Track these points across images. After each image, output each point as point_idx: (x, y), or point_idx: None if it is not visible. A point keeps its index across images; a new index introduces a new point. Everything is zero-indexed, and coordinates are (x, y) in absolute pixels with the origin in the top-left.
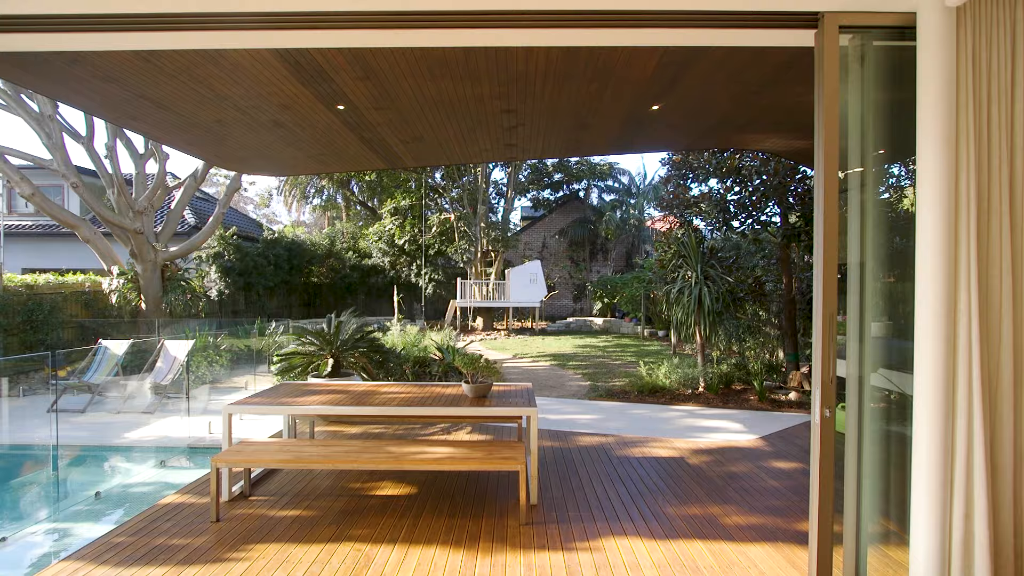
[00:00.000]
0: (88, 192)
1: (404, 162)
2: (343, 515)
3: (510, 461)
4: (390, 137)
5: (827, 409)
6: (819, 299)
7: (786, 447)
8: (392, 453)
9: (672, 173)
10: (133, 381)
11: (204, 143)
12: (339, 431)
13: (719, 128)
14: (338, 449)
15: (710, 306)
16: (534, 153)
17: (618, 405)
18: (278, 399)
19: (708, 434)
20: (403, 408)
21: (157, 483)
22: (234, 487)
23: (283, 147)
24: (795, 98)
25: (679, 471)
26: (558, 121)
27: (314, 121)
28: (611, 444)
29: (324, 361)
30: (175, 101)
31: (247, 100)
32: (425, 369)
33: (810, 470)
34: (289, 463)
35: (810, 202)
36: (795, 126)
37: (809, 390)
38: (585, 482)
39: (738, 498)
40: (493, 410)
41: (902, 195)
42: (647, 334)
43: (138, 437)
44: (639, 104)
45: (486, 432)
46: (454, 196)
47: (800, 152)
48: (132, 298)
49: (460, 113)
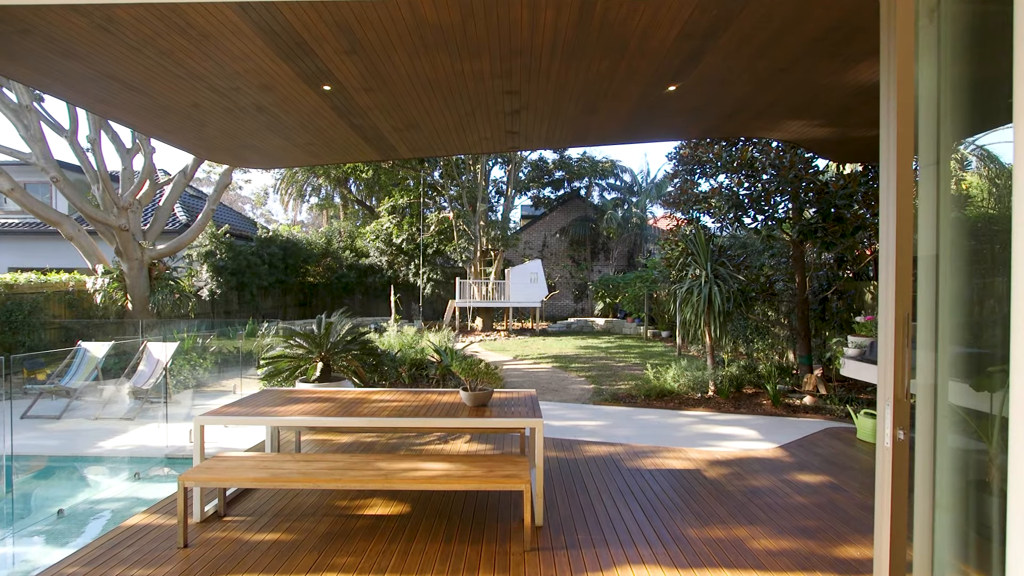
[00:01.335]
0: (70, 187)
1: (399, 153)
2: (326, 539)
3: (513, 480)
4: (382, 124)
5: (900, 430)
6: (888, 299)
7: (808, 457)
8: (381, 470)
9: (679, 168)
10: (110, 385)
11: (183, 131)
12: (328, 440)
13: (736, 114)
14: (321, 465)
15: (720, 306)
16: (537, 142)
17: (625, 410)
18: (257, 408)
19: (722, 442)
20: (394, 420)
21: (128, 499)
22: (208, 506)
23: (269, 135)
24: (826, 77)
25: (696, 485)
26: (565, 105)
27: (299, 105)
28: (620, 454)
29: (313, 365)
30: (144, 81)
31: (223, 79)
32: (422, 372)
33: (877, 502)
34: (265, 482)
35: (828, 196)
36: (819, 111)
37: (825, 394)
38: (595, 498)
39: (764, 517)
40: (494, 421)
41: (987, 176)
42: (650, 335)
43: (113, 446)
44: (654, 84)
45: (487, 441)
46: (453, 194)
47: (820, 141)
48: (118, 298)
49: (457, 95)
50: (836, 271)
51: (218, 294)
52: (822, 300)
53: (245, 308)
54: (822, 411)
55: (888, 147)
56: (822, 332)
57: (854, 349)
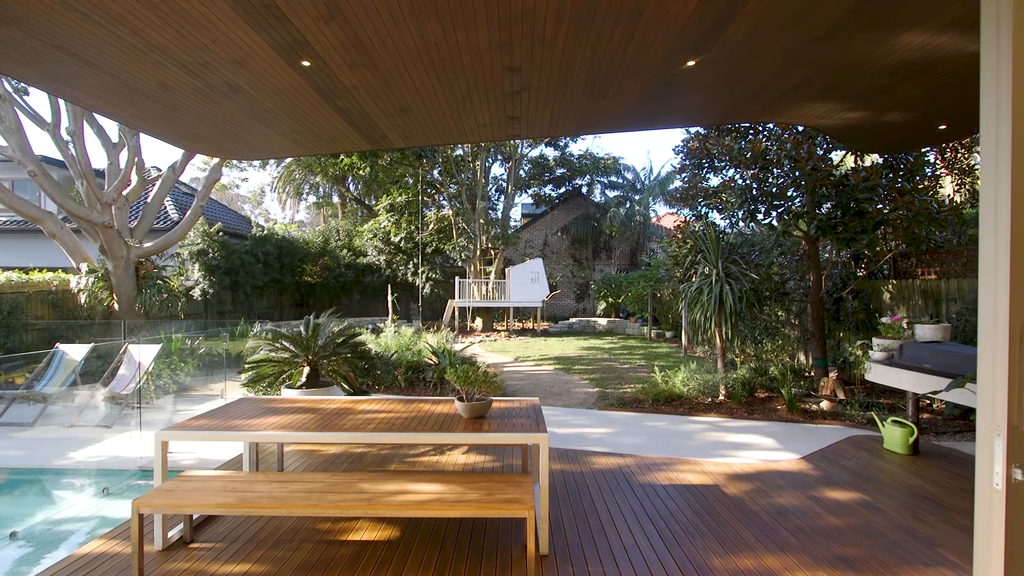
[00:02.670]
0: (49, 182)
1: (391, 142)
2: (304, 570)
3: (515, 506)
4: (371, 107)
5: (1017, 468)
6: (997, 307)
7: (835, 471)
8: (365, 493)
9: (687, 162)
10: (84, 390)
11: (157, 117)
12: (314, 451)
13: (759, 95)
14: (297, 487)
15: (733, 306)
16: (540, 129)
17: (632, 416)
18: (228, 422)
19: (739, 452)
20: (380, 435)
21: (92, 518)
22: (172, 531)
23: (249, 122)
24: (866, 47)
25: (716, 504)
26: (571, 84)
27: (278, 85)
28: (631, 467)
29: (299, 370)
30: (100, 55)
31: (189, 52)
32: (419, 375)
33: (980, 556)
34: (232, 508)
35: (847, 189)
36: (851, 91)
37: (844, 399)
38: (605, 520)
39: (795, 543)
40: (492, 437)
41: None
42: (654, 335)
43: (84, 457)
44: (672, 57)
45: (487, 452)
46: (452, 192)
47: (846, 128)
48: (104, 298)
49: (451, 72)
50: (851, 269)
51: (211, 294)
52: (836, 300)
53: (239, 308)
54: (841, 417)
55: (996, 128)
56: (835, 333)
57: (881, 352)
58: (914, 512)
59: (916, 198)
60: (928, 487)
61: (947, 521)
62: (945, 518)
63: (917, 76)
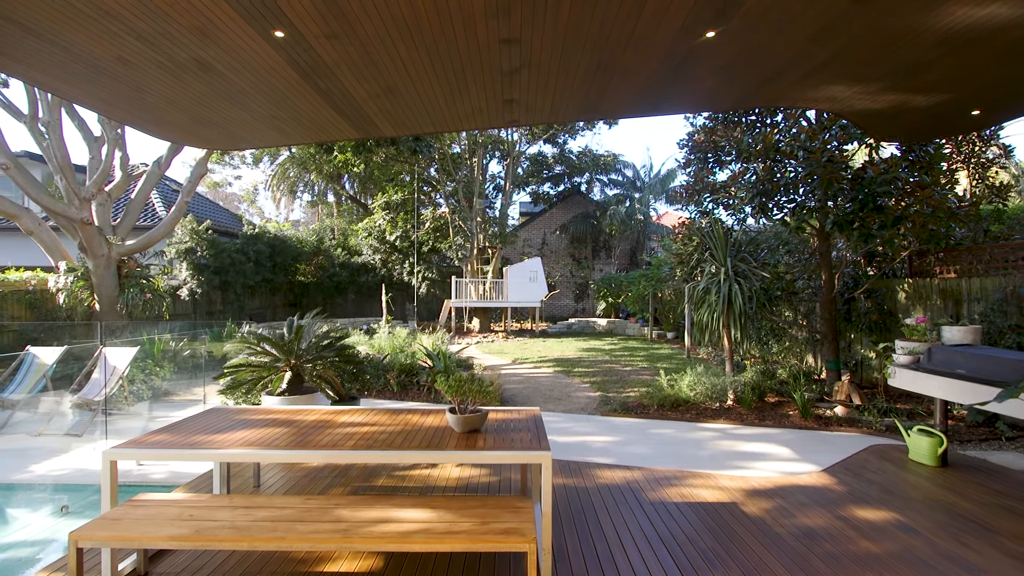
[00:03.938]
0: (23, 176)
1: (380, 129)
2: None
3: (514, 538)
4: (355, 89)
5: None
6: None
7: (861, 486)
8: (341, 523)
9: (692, 157)
10: (50, 396)
11: (121, 99)
12: (294, 464)
13: (781, 74)
14: (264, 515)
15: (742, 306)
16: (540, 115)
17: (637, 422)
18: (188, 437)
19: (754, 463)
20: (360, 453)
21: (43, 542)
22: (124, 563)
23: (224, 105)
24: (909, 15)
25: (736, 526)
26: (575, 59)
27: (250, 60)
28: (640, 481)
29: (279, 375)
30: (43, 20)
31: (145, 20)
32: (412, 378)
33: None
34: (186, 541)
35: (865, 182)
36: (883, 70)
37: (860, 404)
38: (614, 545)
39: (829, 573)
40: (488, 455)
41: None
42: (655, 336)
43: (46, 470)
44: (689, 26)
45: (483, 466)
46: (449, 190)
47: (869, 113)
48: (84, 298)
49: (442, 45)
50: (864, 268)
51: (199, 294)
52: (847, 300)
53: (230, 308)
54: (857, 423)
55: None
56: (846, 335)
57: (906, 356)
58: (956, 535)
59: (936, 192)
60: (964, 503)
61: (994, 546)
62: (991, 542)
63: (962, 50)
